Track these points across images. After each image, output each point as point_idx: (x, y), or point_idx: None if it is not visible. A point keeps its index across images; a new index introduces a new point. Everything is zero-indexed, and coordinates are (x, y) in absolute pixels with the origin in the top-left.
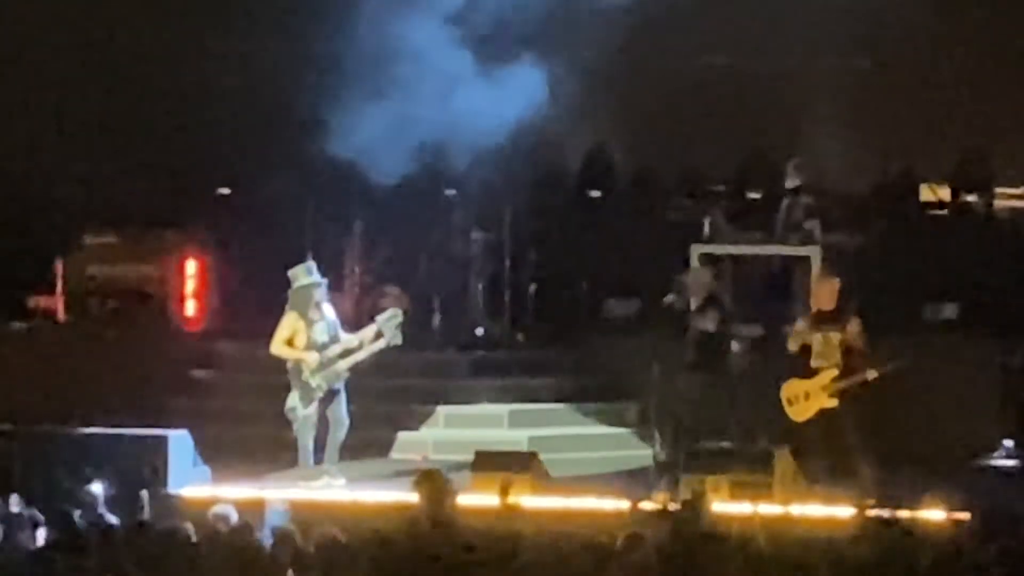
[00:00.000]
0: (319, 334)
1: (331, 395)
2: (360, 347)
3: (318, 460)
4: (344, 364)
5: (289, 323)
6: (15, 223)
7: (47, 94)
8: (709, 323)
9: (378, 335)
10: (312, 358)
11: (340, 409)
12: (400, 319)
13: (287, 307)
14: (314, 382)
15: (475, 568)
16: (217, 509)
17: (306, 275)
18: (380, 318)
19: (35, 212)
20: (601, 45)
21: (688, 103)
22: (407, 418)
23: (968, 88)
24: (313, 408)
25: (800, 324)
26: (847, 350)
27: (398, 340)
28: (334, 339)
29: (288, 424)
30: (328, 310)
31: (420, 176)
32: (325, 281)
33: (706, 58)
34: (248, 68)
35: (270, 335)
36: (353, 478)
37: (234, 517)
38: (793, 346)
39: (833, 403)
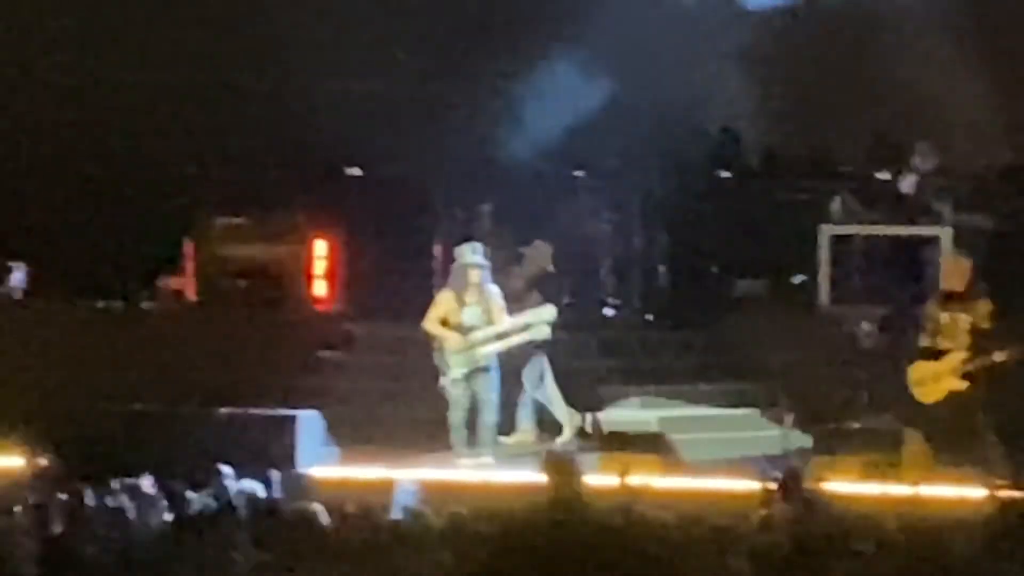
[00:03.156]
0: (468, 317)
1: (479, 377)
2: (506, 336)
3: (471, 441)
4: (486, 350)
5: (442, 301)
6: (146, 204)
7: (178, 75)
8: (534, 304)
9: (526, 328)
10: (453, 340)
11: (488, 392)
12: (553, 317)
13: (448, 284)
14: (453, 363)
15: (602, 550)
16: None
17: (468, 255)
18: (533, 312)
19: (166, 193)
20: (732, 28)
21: (818, 83)
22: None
23: None
24: (460, 389)
25: (929, 310)
26: (976, 331)
27: (545, 335)
28: (487, 323)
29: (417, 404)
30: (489, 294)
31: (549, 157)
32: (487, 264)
33: (830, 38)
34: (379, 50)
35: (399, 315)
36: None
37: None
38: (926, 340)
39: (962, 385)
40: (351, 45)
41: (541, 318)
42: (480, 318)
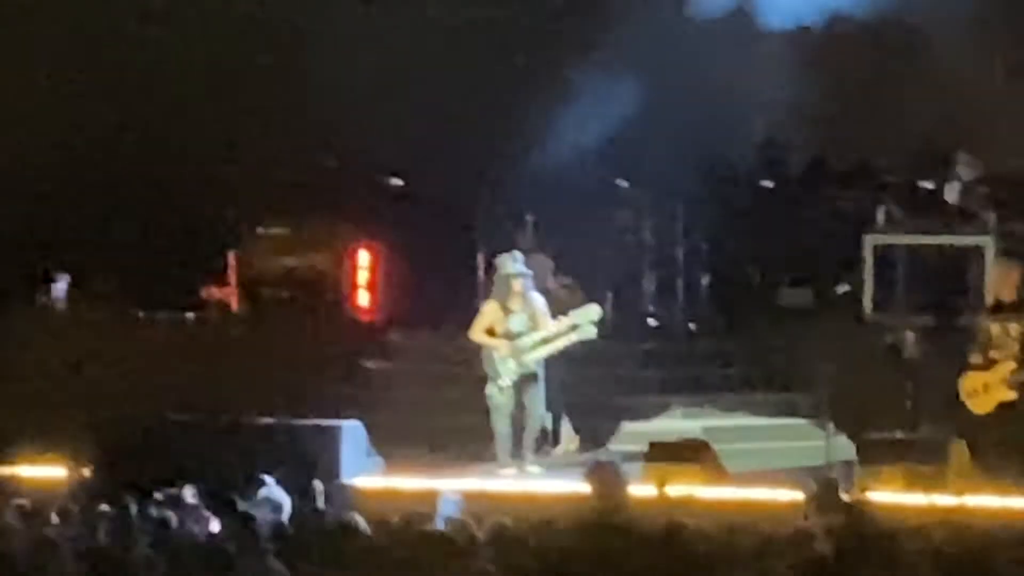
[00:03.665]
0: (514, 324)
1: (527, 385)
2: (553, 339)
3: (515, 451)
4: (534, 355)
5: (488, 311)
6: (190, 214)
7: (219, 87)
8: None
9: (572, 328)
10: (503, 347)
11: (535, 399)
12: (597, 316)
13: (491, 295)
14: (503, 371)
15: (646, 559)
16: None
17: (509, 265)
18: (576, 312)
19: (209, 204)
20: (775, 36)
21: (862, 91)
22: (580, 408)
23: None
24: (508, 397)
25: (978, 319)
26: None
27: (592, 335)
28: (533, 330)
29: (461, 413)
30: (533, 301)
31: (593, 167)
32: (529, 272)
33: (873, 47)
34: (421, 60)
35: (442, 324)
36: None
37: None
38: (976, 350)
39: (1013, 395)
40: (394, 56)
41: (588, 318)
42: (526, 324)
